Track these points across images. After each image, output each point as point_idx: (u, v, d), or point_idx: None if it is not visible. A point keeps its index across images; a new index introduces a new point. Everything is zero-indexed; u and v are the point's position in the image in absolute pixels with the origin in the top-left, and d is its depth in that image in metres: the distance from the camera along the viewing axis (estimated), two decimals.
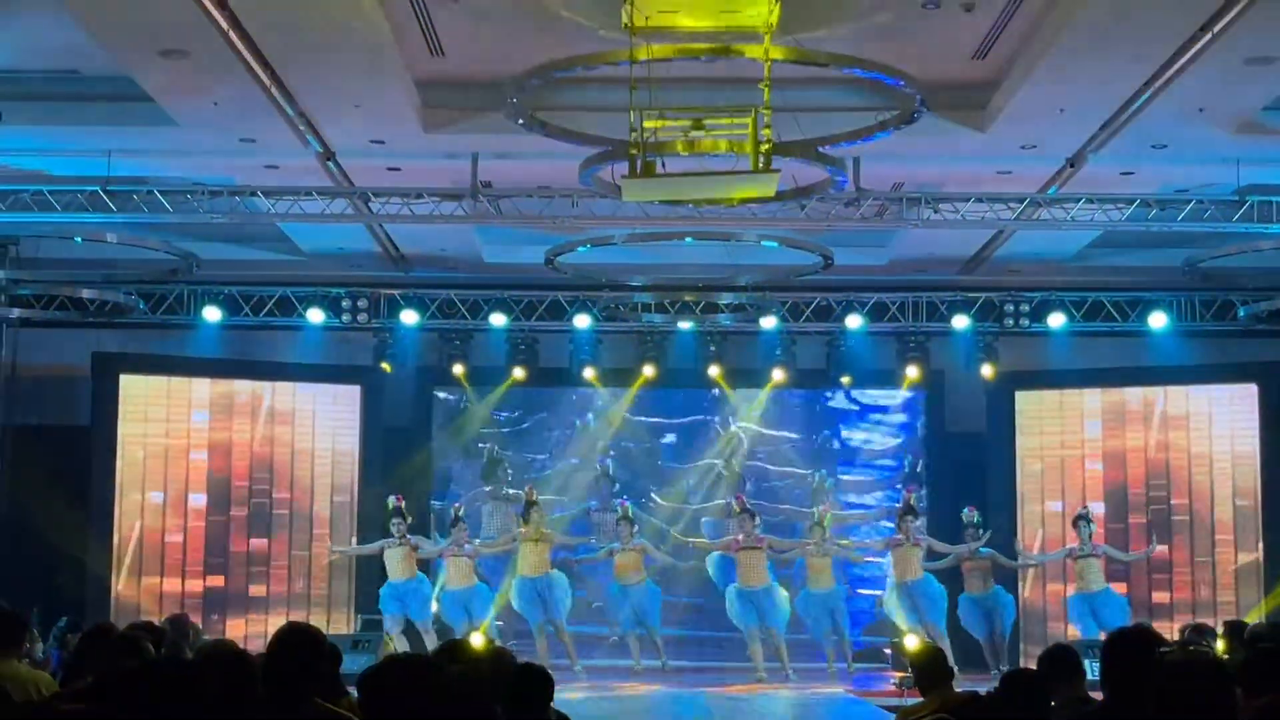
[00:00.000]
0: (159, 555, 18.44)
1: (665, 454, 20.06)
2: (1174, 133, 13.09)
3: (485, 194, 14.32)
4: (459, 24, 11.54)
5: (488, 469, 19.80)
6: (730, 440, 19.93)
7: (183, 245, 16.67)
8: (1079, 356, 18.95)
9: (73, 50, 11.80)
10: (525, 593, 17.41)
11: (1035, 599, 18.82)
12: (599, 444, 19.85)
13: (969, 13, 11.21)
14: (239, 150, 13.74)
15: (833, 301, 18.69)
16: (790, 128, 10.65)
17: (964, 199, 14.53)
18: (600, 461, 19.81)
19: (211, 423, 18.89)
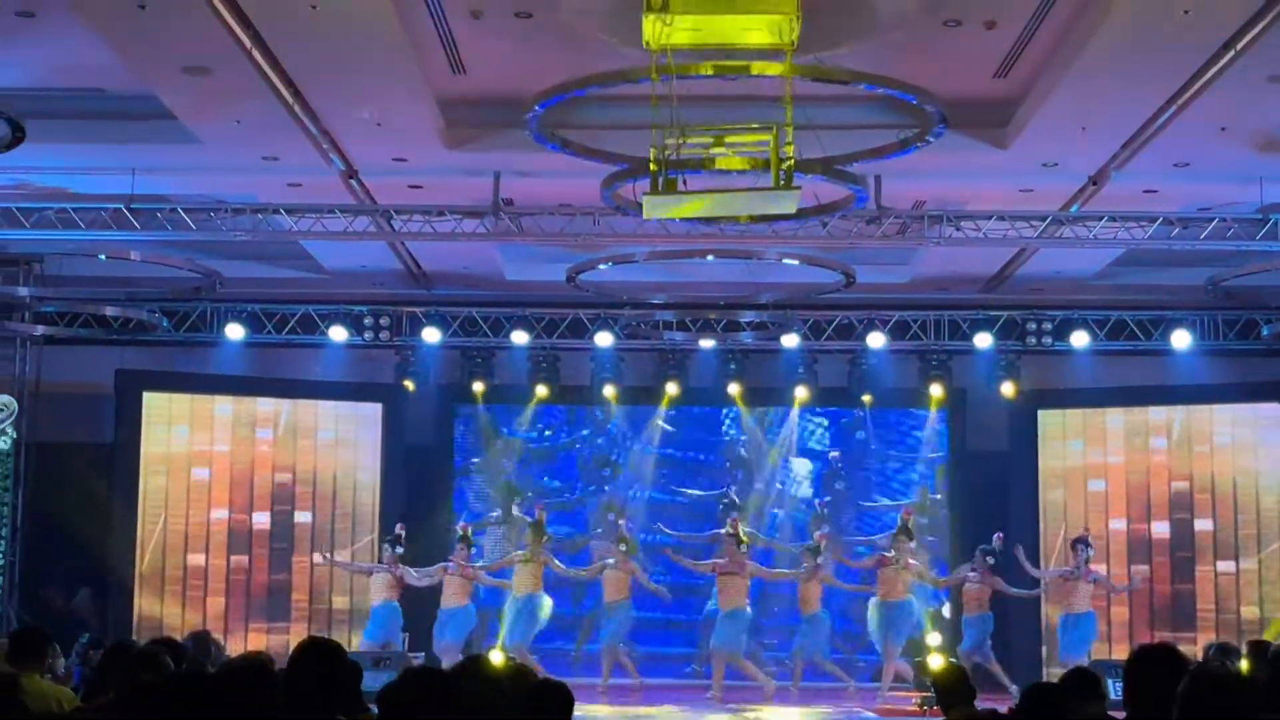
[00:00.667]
0: (181, 571, 18.48)
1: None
2: (1197, 151, 13.06)
3: (507, 211, 14.35)
4: (481, 42, 11.57)
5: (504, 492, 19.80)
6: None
7: (206, 263, 16.73)
8: (1102, 375, 18.91)
9: (97, 68, 11.87)
10: (511, 611, 17.33)
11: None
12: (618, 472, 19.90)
13: (990, 30, 11.21)
14: (262, 168, 13.79)
15: (854, 320, 18.67)
16: (811, 145, 10.65)
17: (986, 217, 14.51)
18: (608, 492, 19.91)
19: (234, 440, 18.94)
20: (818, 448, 20.03)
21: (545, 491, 19.77)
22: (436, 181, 14.20)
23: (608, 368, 19.02)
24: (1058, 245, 15.06)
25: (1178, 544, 18.53)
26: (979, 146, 13.18)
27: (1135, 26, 10.19)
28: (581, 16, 10.96)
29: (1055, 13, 10.82)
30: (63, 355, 18.63)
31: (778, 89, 9.77)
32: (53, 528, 17.84)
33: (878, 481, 19.96)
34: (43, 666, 7.79)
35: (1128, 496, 18.88)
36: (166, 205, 14.35)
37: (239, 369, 18.85)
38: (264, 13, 10.20)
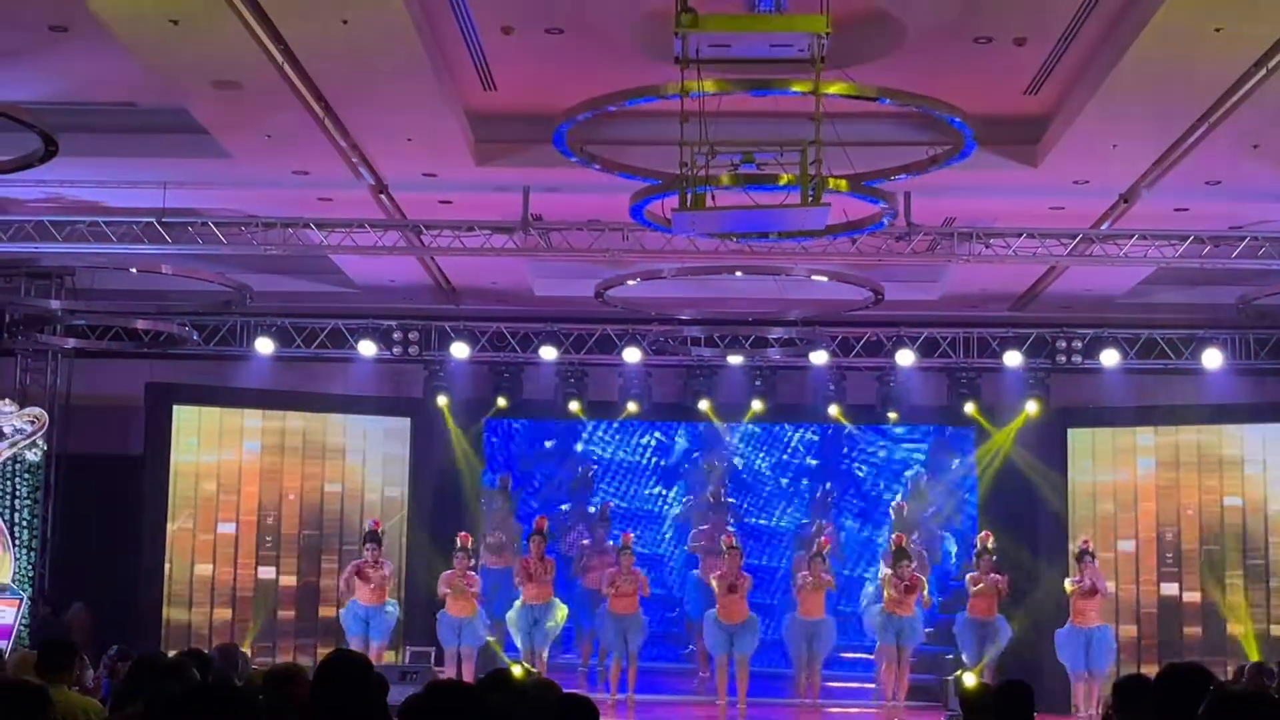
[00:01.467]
0: (209, 584, 18.54)
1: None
2: (1228, 169, 13.00)
3: (536, 227, 14.36)
4: (511, 58, 11.61)
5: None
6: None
7: (236, 277, 16.80)
8: (1131, 394, 18.83)
9: (129, 83, 11.94)
10: (521, 620, 17.30)
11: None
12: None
13: (1021, 47, 11.19)
14: (292, 182, 13.84)
15: (883, 337, 18.64)
16: (841, 162, 10.64)
17: (1015, 234, 14.48)
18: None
19: (262, 454, 19.00)
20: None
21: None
22: (466, 197, 14.23)
23: (635, 383, 19.02)
24: (1088, 263, 15.01)
25: (1208, 563, 18.42)
26: (1009, 164, 13.15)
27: (1166, 44, 10.16)
28: (612, 33, 10.99)
29: (1086, 30, 10.81)
30: (93, 368, 18.74)
31: (807, 105, 9.76)
32: (82, 539, 17.93)
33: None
34: (71, 678, 7.82)
35: (1157, 515, 18.78)
36: (197, 219, 14.41)
37: (268, 383, 18.91)
38: (295, 27, 10.24)
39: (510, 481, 20.09)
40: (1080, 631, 16.85)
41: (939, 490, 19.91)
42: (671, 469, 20.34)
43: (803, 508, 20.06)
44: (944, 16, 10.71)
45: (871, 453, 20.17)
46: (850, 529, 19.95)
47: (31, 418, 17.64)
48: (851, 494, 20.13)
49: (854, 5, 10.27)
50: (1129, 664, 17.69)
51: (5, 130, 11.51)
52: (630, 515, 20.04)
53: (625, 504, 20.15)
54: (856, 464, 20.21)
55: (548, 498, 20.11)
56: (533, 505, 19.83)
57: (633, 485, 20.30)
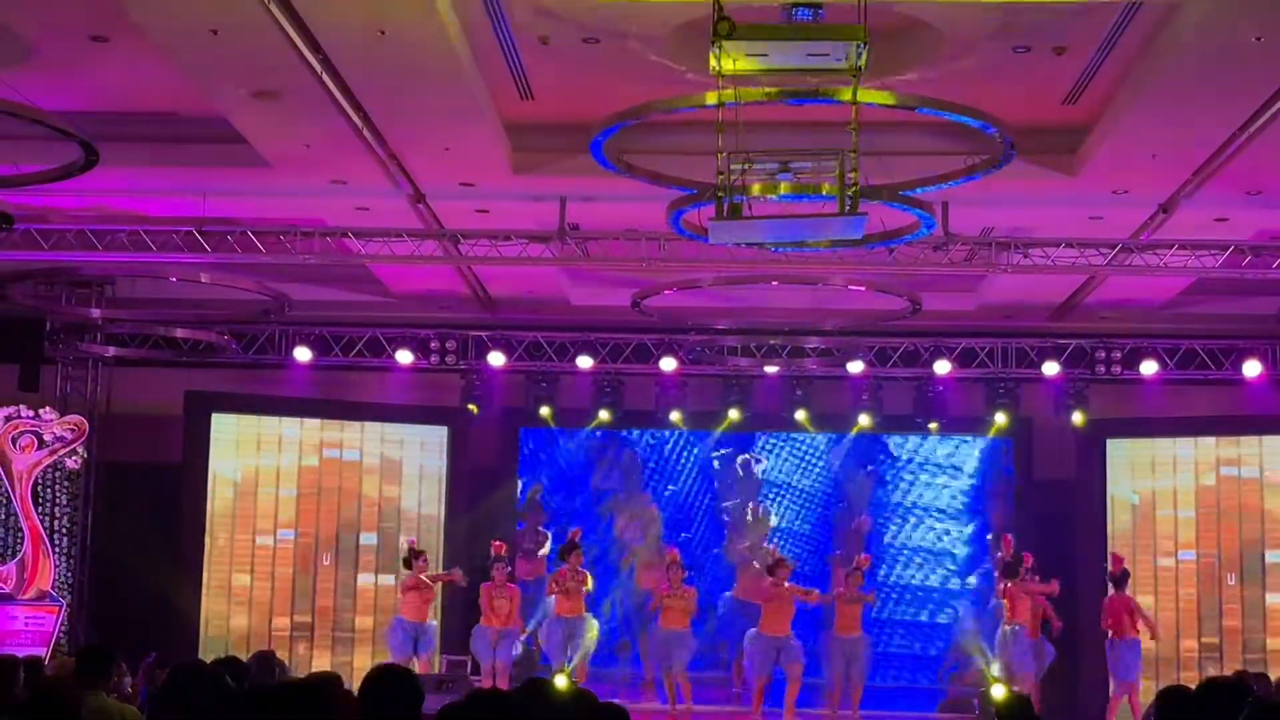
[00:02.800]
0: (248, 591, 18.61)
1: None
2: (1268, 178, 12.92)
3: (573, 236, 14.38)
4: (548, 68, 11.64)
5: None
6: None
7: (275, 285, 16.87)
8: (1171, 404, 18.72)
9: (169, 92, 12.02)
10: (554, 634, 17.26)
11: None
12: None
13: (1060, 56, 11.16)
14: (330, 191, 13.90)
15: (920, 347, 18.57)
16: (878, 171, 10.62)
17: (1054, 244, 14.42)
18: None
19: (301, 462, 19.07)
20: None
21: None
22: (503, 206, 14.26)
23: (672, 392, 19.02)
24: (1127, 273, 14.94)
25: (1248, 576, 18.30)
26: (1048, 173, 13.10)
27: (1206, 53, 10.11)
28: (648, 43, 11.00)
29: (1125, 39, 10.76)
30: (133, 376, 18.82)
31: (845, 115, 9.75)
32: (121, 547, 18.00)
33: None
34: (109, 685, 7.85)
35: (1198, 527, 18.67)
36: (236, 228, 14.48)
37: (306, 391, 18.97)
38: (334, 38, 10.29)
39: (540, 490, 20.04)
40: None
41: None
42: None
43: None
44: (983, 26, 10.68)
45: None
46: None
47: (71, 425, 17.76)
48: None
49: (892, 14, 10.26)
50: (1169, 676, 17.56)
51: (46, 139, 11.59)
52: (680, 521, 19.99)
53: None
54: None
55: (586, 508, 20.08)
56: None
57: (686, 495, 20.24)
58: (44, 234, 14.59)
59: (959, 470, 19.84)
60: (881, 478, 19.90)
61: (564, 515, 19.72)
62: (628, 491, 20.08)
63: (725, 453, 20.04)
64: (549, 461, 20.07)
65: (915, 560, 19.63)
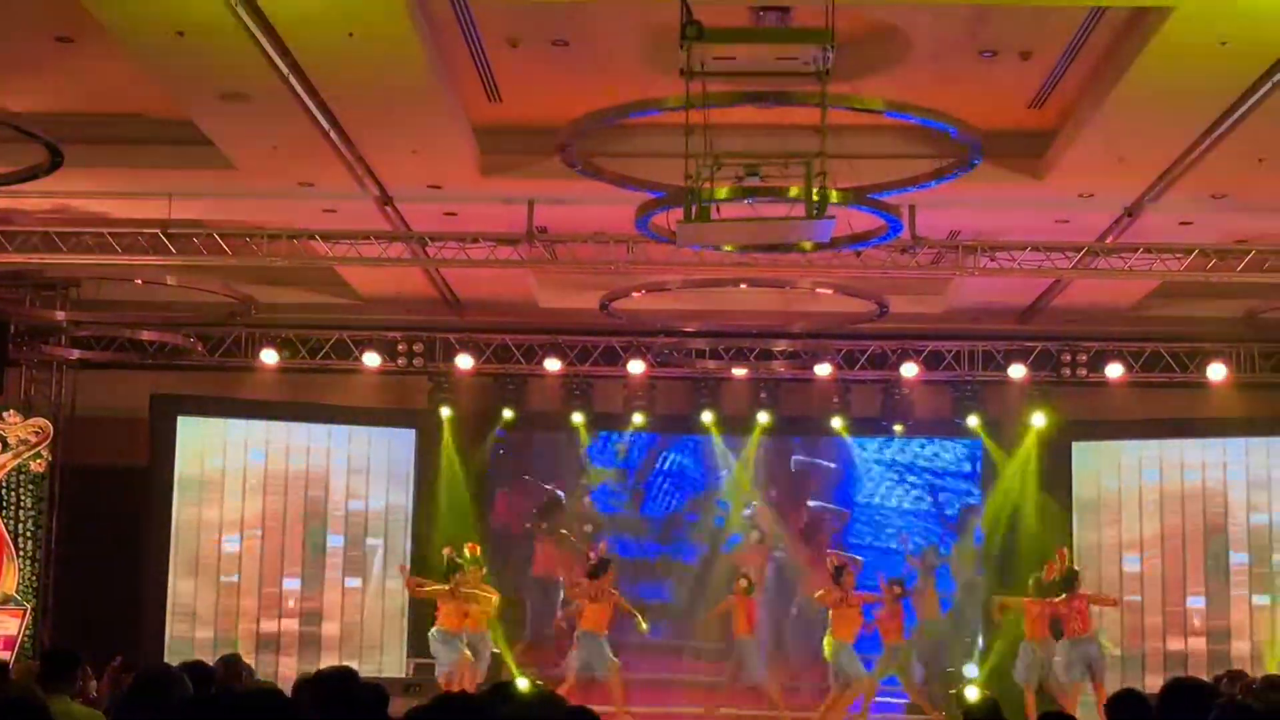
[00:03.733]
0: (214, 595, 18.52)
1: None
2: (1233, 182, 13.00)
3: (541, 239, 14.38)
4: (516, 71, 11.63)
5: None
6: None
7: (241, 288, 16.80)
8: (1136, 407, 18.80)
9: (135, 94, 11.96)
10: (590, 647, 17.18)
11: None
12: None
13: (1026, 61, 11.21)
14: (297, 194, 13.85)
15: (888, 350, 18.62)
16: (846, 174, 10.64)
17: (1020, 248, 14.48)
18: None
19: (267, 465, 18.99)
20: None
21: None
22: (471, 209, 14.24)
23: (640, 395, 19.01)
24: (1093, 276, 15.00)
25: (1212, 578, 18.40)
26: (1014, 177, 13.15)
27: (1171, 58, 10.16)
28: (617, 45, 11.00)
29: (1091, 43, 10.82)
30: (98, 379, 18.73)
31: (813, 118, 9.76)
32: (86, 551, 17.91)
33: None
34: (73, 689, 7.81)
35: (1162, 530, 18.76)
36: (203, 230, 14.42)
37: (273, 394, 18.89)
38: (301, 40, 10.25)
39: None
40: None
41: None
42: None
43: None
44: (950, 30, 10.72)
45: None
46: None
47: (36, 428, 17.64)
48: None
49: (859, 18, 10.28)
50: (1134, 678, 17.65)
51: (11, 141, 11.54)
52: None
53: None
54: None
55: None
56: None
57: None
58: (8, 236, 14.51)
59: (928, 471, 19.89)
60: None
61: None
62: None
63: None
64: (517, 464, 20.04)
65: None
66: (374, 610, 18.97)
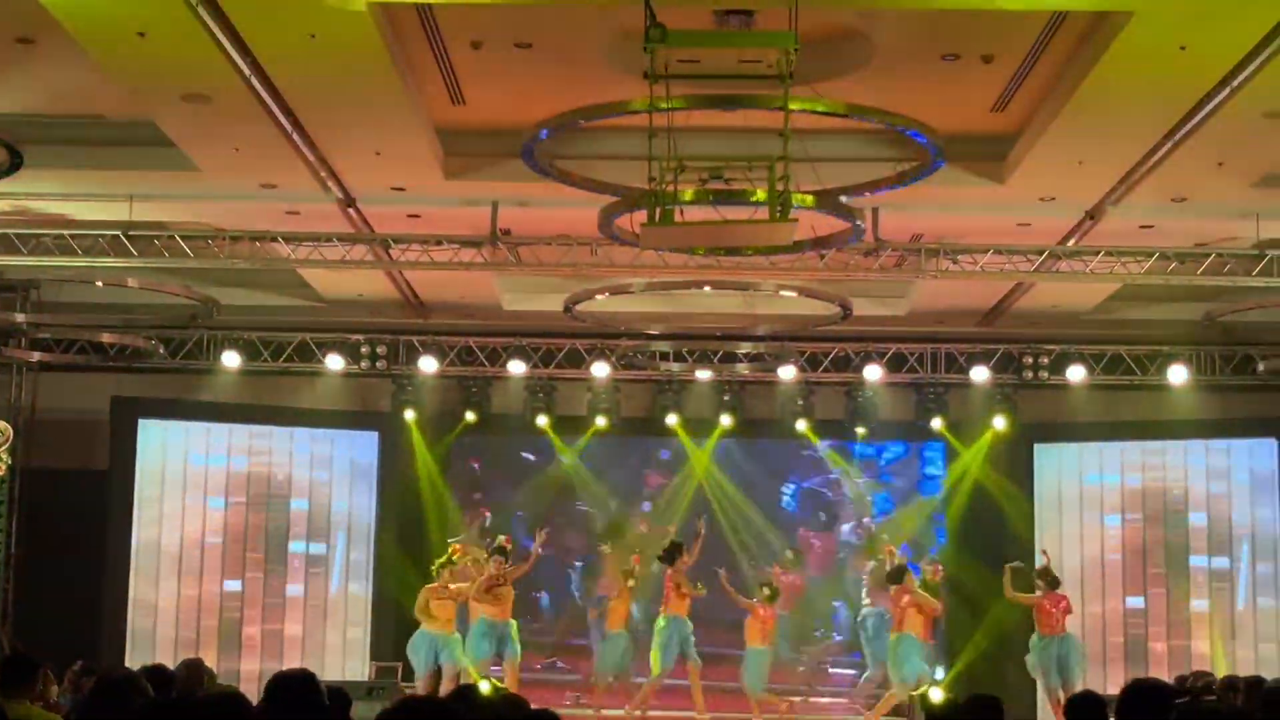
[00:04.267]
0: (175, 599, 18.43)
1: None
2: (1193, 186, 13.08)
3: (505, 241, 14.35)
4: (480, 73, 11.61)
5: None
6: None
7: (203, 290, 16.73)
8: (1098, 410, 18.90)
9: (96, 95, 11.90)
10: (616, 646, 17.23)
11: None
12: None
13: (988, 64, 11.25)
14: (260, 195, 13.80)
15: (851, 352, 18.67)
16: (809, 177, 10.67)
17: (982, 250, 14.53)
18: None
19: (229, 468, 18.91)
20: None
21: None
22: (435, 211, 14.22)
23: (604, 398, 19.02)
24: (1054, 279, 15.07)
25: (1173, 581, 18.51)
26: (976, 180, 13.20)
27: (1132, 62, 10.22)
28: (581, 48, 11.00)
29: (1053, 47, 10.87)
30: (59, 382, 18.63)
31: (776, 121, 9.78)
32: (47, 554, 17.81)
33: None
34: (34, 694, 7.75)
35: (1123, 530, 18.87)
36: (164, 232, 14.34)
37: (235, 396, 18.82)
38: (263, 41, 10.21)
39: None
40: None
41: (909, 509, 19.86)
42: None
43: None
44: (912, 34, 10.75)
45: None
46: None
47: None
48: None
49: (823, 22, 10.31)
50: (1094, 679, 17.73)
51: None
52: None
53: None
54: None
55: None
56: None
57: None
58: None
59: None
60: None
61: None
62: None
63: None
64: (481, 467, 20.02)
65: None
66: (336, 613, 18.91)
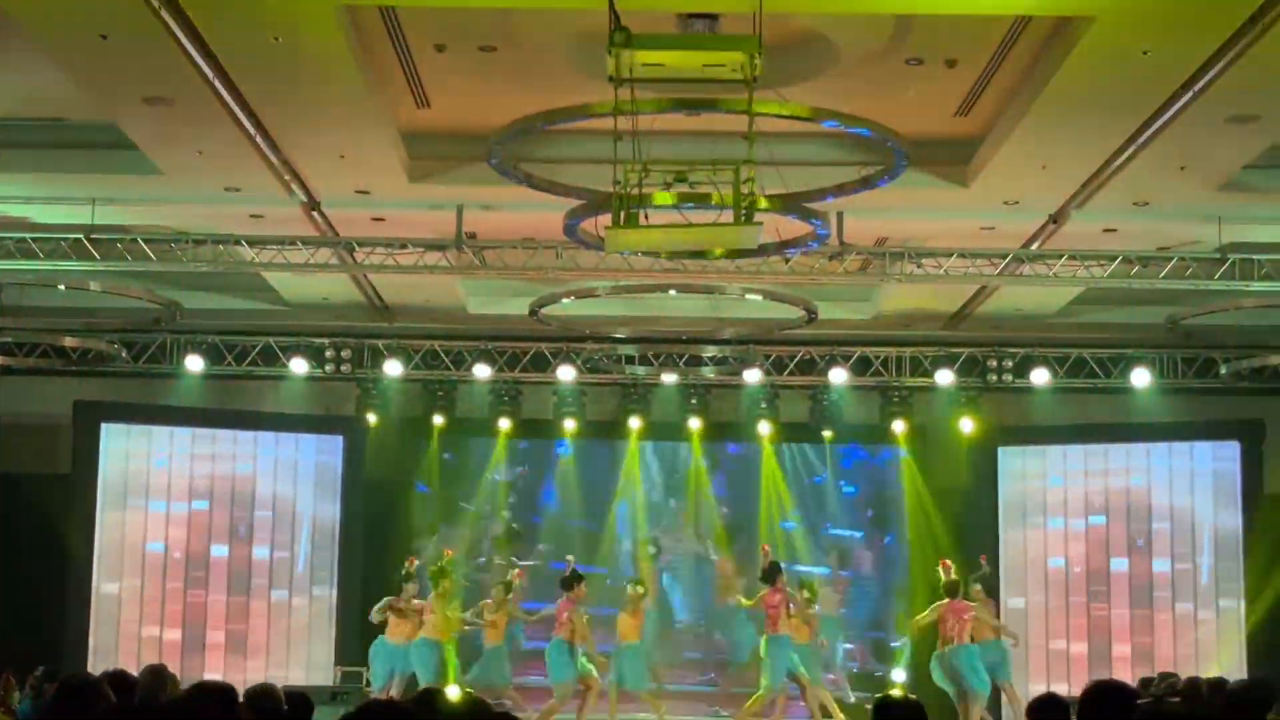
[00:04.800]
0: (138, 604, 18.34)
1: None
2: (1156, 190, 13.15)
3: (470, 245, 14.33)
4: (445, 76, 11.59)
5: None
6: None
7: (166, 294, 16.65)
8: (1062, 412, 18.98)
9: (58, 98, 11.83)
10: (630, 658, 17.13)
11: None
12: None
13: (952, 69, 11.29)
14: (223, 199, 13.74)
15: (816, 355, 18.71)
16: (774, 181, 10.68)
17: (947, 254, 14.57)
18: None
19: (192, 472, 18.82)
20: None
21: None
22: (399, 214, 14.19)
23: (569, 402, 19.01)
24: (1018, 283, 15.14)
25: (1135, 583, 18.61)
26: (940, 184, 13.24)
27: (1095, 66, 10.27)
28: (545, 51, 10.99)
29: (1016, 52, 10.92)
30: (20, 386, 18.53)
31: (741, 125, 9.80)
32: (9, 559, 17.71)
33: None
34: None
35: (1087, 532, 18.95)
36: (127, 236, 14.27)
37: (198, 400, 18.75)
38: (226, 44, 10.18)
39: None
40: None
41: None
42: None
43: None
44: (876, 38, 10.78)
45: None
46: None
47: None
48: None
49: (787, 26, 10.33)
50: (1058, 680, 17.82)
51: None
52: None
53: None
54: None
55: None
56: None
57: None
58: None
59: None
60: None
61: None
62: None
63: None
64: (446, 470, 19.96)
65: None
66: (301, 617, 18.84)
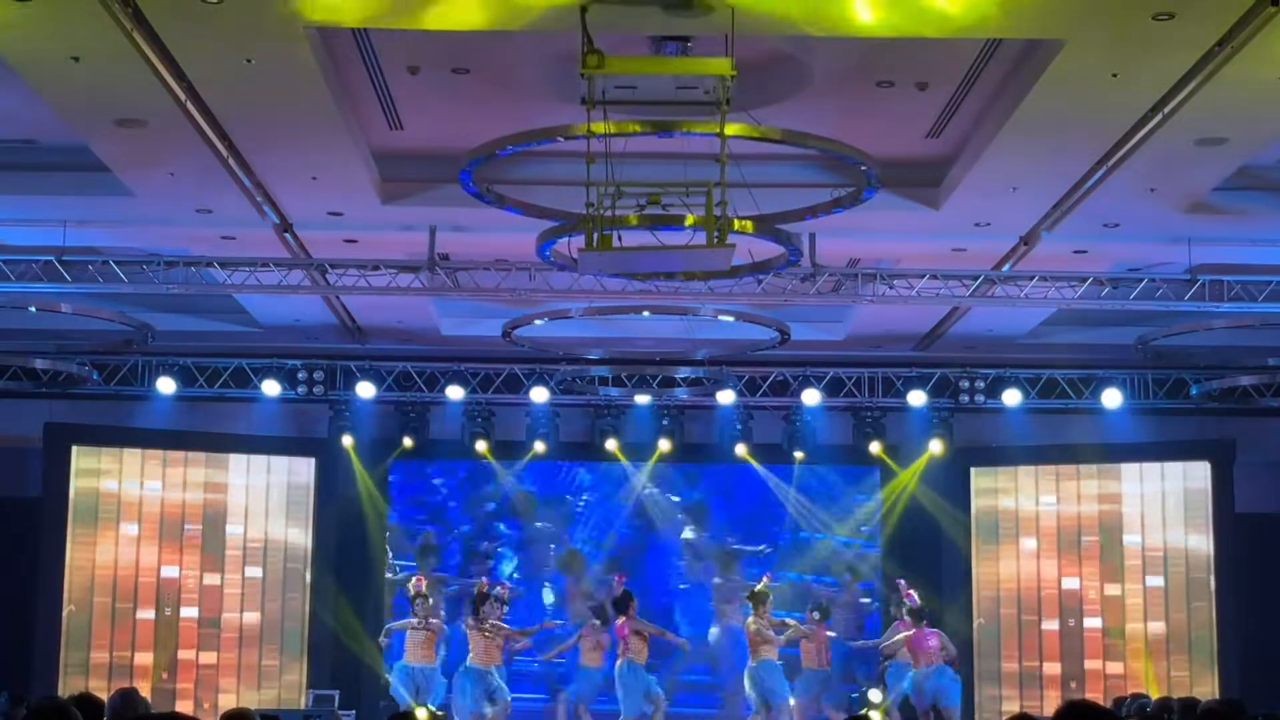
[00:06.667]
0: (109, 627, 18.24)
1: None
2: (1126, 212, 13.20)
3: (443, 266, 14.33)
4: (418, 98, 11.60)
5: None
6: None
7: (138, 316, 16.59)
8: (1033, 433, 19.05)
9: (29, 119, 11.80)
10: (631, 681, 17.19)
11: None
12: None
13: (923, 91, 11.34)
14: (195, 221, 13.69)
15: (789, 376, 18.74)
16: (746, 202, 10.71)
17: (919, 275, 14.62)
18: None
19: (164, 495, 18.76)
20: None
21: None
22: (372, 236, 14.16)
23: (543, 423, 19.00)
24: (989, 304, 15.19)
25: (1107, 603, 18.65)
26: (912, 206, 13.28)
27: (1065, 89, 10.32)
28: (518, 73, 11.01)
29: (987, 75, 10.97)
30: None
31: (713, 147, 9.82)
32: None
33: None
34: None
35: (1059, 553, 19.00)
36: (98, 257, 14.22)
37: (170, 423, 18.68)
38: (199, 66, 10.16)
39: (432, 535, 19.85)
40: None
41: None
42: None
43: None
44: (847, 61, 10.83)
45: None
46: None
47: None
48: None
49: (759, 49, 10.37)
50: (1031, 700, 17.85)
51: None
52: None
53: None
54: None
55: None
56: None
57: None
58: None
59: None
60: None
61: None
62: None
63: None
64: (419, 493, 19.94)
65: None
66: (272, 641, 18.76)
